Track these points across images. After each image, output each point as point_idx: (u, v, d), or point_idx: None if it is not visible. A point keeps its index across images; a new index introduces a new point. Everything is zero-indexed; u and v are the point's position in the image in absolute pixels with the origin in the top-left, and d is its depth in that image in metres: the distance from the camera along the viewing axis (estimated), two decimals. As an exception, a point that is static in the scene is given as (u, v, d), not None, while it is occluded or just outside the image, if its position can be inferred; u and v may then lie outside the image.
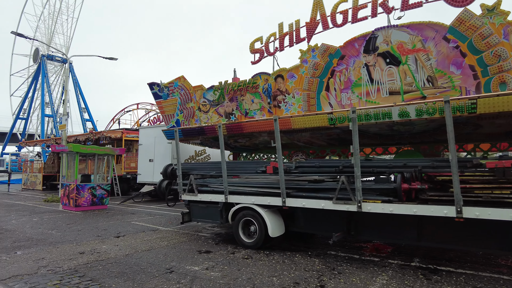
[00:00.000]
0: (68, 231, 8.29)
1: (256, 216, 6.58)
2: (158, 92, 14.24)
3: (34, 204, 14.60)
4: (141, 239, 7.43)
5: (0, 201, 15.55)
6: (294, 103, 10.01)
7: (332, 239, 5.74)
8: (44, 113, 43.39)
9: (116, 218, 10.50)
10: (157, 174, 16.58)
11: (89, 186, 12.71)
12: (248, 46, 10.83)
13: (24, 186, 25.97)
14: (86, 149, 12.59)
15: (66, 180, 12.85)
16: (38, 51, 47.08)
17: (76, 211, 12.19)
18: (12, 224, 9.26)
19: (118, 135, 19.22)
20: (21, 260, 5.75)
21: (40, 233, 8.11)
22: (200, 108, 13.04)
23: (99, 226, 9.01)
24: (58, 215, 11.19)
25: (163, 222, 9.95)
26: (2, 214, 11.25)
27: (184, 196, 7.83)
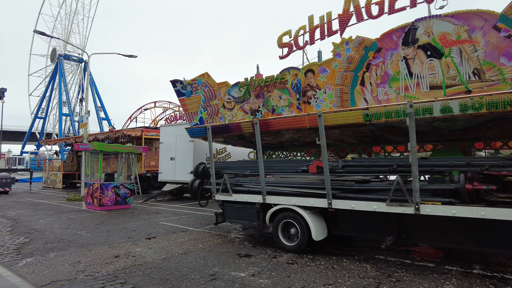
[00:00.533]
0: (97, 232, 8.06)
1: (298, 218, 6.20)
2: (181, 89, 13.97)
3: (57, 203, 14.53)
4: (174, 241, 7.13)
5: (25, 200, 15.57)
6: (326, 98, 9.59)
7: (384, 243, 5.33)
8: (62, 112, 43.83)
9: (143, 218, 10.27)
10: (178, 173, 16.39)
11: (113, 185, 12.54)
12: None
13: (45, 185, 26.18)
14: (110, 147, 12.41)
15: (89, 179, 12.70)
16: (55, 51, 47.60)
17: (100, 210, 12.02)
18: (40, 224, 9.10)
19: (138, 133, 19.08)
20: (57, 263, 5.50)
21: (69, 233, 7.90)
22: (224, 105, 12.72)
23: (128, 227, 8.77)
24: (84, 214, 11.02)
25: (191, 222, 9.67)
26: (29, 213, 11.15)
27: (218, 196, 7.50)
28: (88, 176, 12.86)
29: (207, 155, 16.97)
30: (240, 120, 12.30)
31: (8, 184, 19.40)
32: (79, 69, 49.26)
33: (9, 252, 6.23)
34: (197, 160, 16.19)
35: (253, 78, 11.72)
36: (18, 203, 14.29)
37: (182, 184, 16.09)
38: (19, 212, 11.61)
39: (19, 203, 14.50)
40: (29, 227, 8.74)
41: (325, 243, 6.48)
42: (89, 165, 12.70)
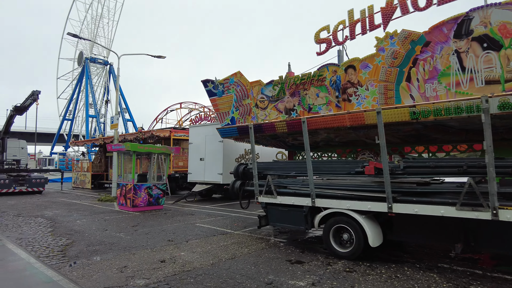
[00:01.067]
0: (136, 235, 7.90)
1: (352, 223, 5.80)
2: (213, 89, 13.78)
3: (89, 203, 14.63)
4: (217, 245, 6.87)
5: (58, 200, 15.78)
6: (368, 96, 9.13)
7: (454, 251, 4.88)
8: (88, 114, 44.84)
9: (178, 220, 10.09)
10: (208, 173, 16.23)
11: (146, 186, 12.46)
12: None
13: (74, 185, 26.69)
14: (143, 148, 12.34)
15: (122, 180, 12.67)
16: (82, 54, 48.81)
17: (134, 211, 11.95)
18: (78, 225, 9.06)
19: (167, 134, 19.07)
20: (104, 267, 5.32)
21: (109, 235, 7.78)
22: (257, 104, 12.42)
23: (166, 229, 8.58)
24: (118, 215, 10.96)
25: (227, 224, 9.41)
26: (65, 214, 11.20)
27: (261, 198, 7.19)
28: (120, 177, 12.84)
29: (243, 156, 16.79)
30: (273, 119, 11.98)
31: (41, 184, 19.79)
32: (104, 72, 50.37)
33: (54, 254, 6.12)
34: (226, 161, 16.02)
35: (288, 76, 11.37)
36: (53, 203, 14.46)
37: (212, 185, 15.93)
38: (56, 212, 11.68)
39: (53, 203, 14.68)
40: (69, 228, 8.70)
41: (377, 249, 6.05)
42: (121, 166, 12.67)
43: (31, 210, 12.16)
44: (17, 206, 13.61)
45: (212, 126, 17.02)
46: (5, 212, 11.62)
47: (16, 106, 19.94)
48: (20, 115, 20.29)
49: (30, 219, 10.08)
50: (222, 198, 16.60)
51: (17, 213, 11.39)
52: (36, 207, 13.27)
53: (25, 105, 19.85)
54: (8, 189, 18.57)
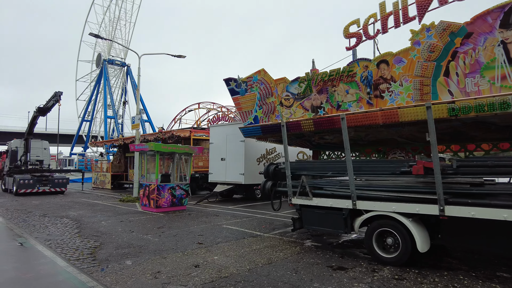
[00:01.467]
0: (164, 237, 7.67)
1: (398, 227, 5.39)
2: (235, 88, 13.50)
3: (112, 203, 14.58)
4: (249, 248, 6.56)
5: (80, 200, 15.81)
6: (402, 92, 8.67)
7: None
8: (107, 115, 45.35)
9: (203, 221, 9.84)
10: (229, 173, 15.98)
11: (169, 187, 12.28)
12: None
13: (94, 185, 26.91)
14: (166, 148, 12.16)
15: (145, 180, 12.53)
16: (100, 56, 49.46)
17: (157, 212, 11.78)
18: (104, 227, 8.91)
19: (187, 134, 18.93)
20: (137, 273, 5.08)
21: (136, 238, 7.57)
22: (282, 102, 12.08)
23: (193, 231, 8.33)
24: (142, 216, 10.80)
25: (255, 226, 9.09)
26: (89, 214, 11.11)
27: (295, 200, 6.84)
28: (143, 177, 12.70)
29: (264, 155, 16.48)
30: (299, 118, 11.62)
31: (63, 185, 19.95)
32: (122, 73, 50.90)
33: (84, 256, 5.93)
34: (248, 161, 15.74)
35: (315, 73, 10.98)
36: (76, 203, 14.47)
37: (233, 185, 15.67)
38: (80, 212, 11.61)
39: (76, 203, 14.69)
40: (95, 229, 8.55)
41: (422, 254, 5.63)
42: (144, 166, 12.53)
43: (55, 211, 12.14)
44: (42, 206, 13.65)
45: (233, 126, 16.78)
46: (31, 212, 11.63)
47: (39, 107, 20.17)
48: (43, 116, 20.52)
49: (56, 220, 10.01)
50: (243, 199, 16.32)
51: (42, 213, 11.37)
52: (60, 207, 13.27)
53: (47, 106, 20.05)
54: (32, 189, 18.77)
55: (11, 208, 12.84)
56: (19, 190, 18.34)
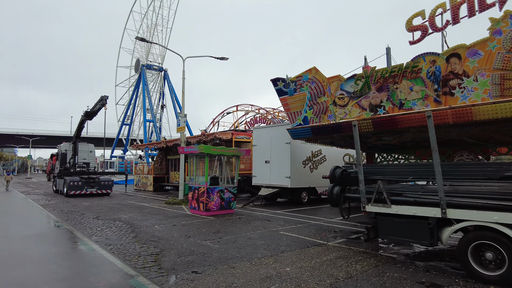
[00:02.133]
0: (224, 243, 7.33)
1: (502, 240, 4.68)
2: (283, 88, 13.05)
3: (158, 206, 14.57)
4: (320, 259, 6.04)
5: (127, 202, 15.99)
6: (477, 87, 7.83)
7: None
8: (146, 119, 46.50)
9: (257, 226, 9.44)
10: (274, 176, 15.53)
11: (218, 190, 12.02)
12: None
13: (136, 187, 27.44)
14: (216, 150, 11.91)
15: (194, 182, 12.35)
16: (139, 61, 50.91)
17: (207, 215, 11.55)
18: (159, 231, 8.73)
19: (229, 136, 18.75)
20: (210, 285, 4.72)
21: (195, 244, 7.28)
22: (335, 102, 11.48)
23: (251, 237, 7.94)
24: (194, 220, 10.58)
25: (313, 233, 8.56)
26: (140, 218, 11.06)
27: (370, 207, 6.25)
28: (192, 179, 12.54)
29: (310, 158, 15.93)
30: (355, 117, 10.98)
31: (109, 187, 20.40)
32: (159, 78, 52.12)
33: (149, 265, 5.68)
34: (294, 163, 15.23)
35: (375, 69, 10.30)
36: (124, 206, 14.60)
37: (279, 189, 15.22)
38: (130, 215, 11.61)
39: (123, 205, 14.83)
40: (150, 234, 8.38)
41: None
42: (193, 168, 12.36)
43: (107, 213, 12.24)
44: (92, 208, 13.87)
45: (279, 127, 16.35)
46: (84, 214, 11.77)
47: (86, 112, 20.79)
48: (89, 120, 21.14)
49: (109, 223, 10.00)
50: (288, 203, 15.79)
51: (95, 216, 11.47)
52: (109, 209, 13.40)
53: (94, 110, 20.62)
54: (81, 191, 19.31)
55: (65, 210, 13.12)
56: (69, 191, 18.93)
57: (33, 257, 6.27)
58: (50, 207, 14.13)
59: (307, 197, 15.87)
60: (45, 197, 19.40)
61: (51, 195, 20.90)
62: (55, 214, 12.03)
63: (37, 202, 16.58)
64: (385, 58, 44.78)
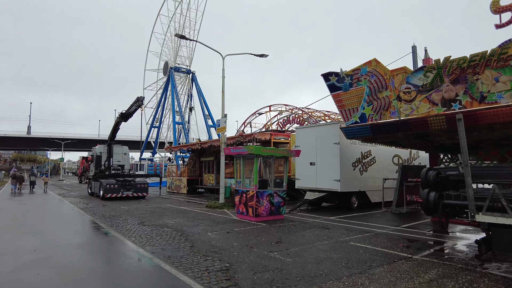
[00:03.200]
0: (296, 256, 6.43)
1: None
2: (336, 82, 12.06)
3: (200, 210, 13.88)
4: (422, 279, 5.03)
5: (167, 206, 15.42)
6: None
7: None
8: (175, 121, 46.43)
9: (318, 235, 8.50)
10: (321, 179, 14.52)
11: (268, 193, 11.16)
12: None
13: (169, 190, 27.06)
14: (266, 151, 11.07)
15: (241, 185, 11.54)
16: (167, 64, 51.04)
17: (256, 221, 10.71)
18: (215, 240, 7.94)
19: (267, 137, 17.91)
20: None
21: (263, 256, 6.42)
22: (399, 96, 10.39)
23: (322, 249, 7.01)
24: (247, 227, 9.76)
25: (389, 244, 7.53)
26: (187, 223, 10.35)
27: (481, 217, 5.18)
28: (239, 182, 11.74)
29: (360, 159, 14.86)
30: (424, 113, 9.88)
31: (145, 189, 20.00)
32: (187, 80, 52.06)
33: (225, 284, 4.84)
34: (344, 165, 14.15)
35: (449, 59, 9.16)
36: (165, 210, 14.01)
37: (326, 193, 14.20)
38: (176, 221, 10.93)
39: (164, 209, 14.24)
40: (207, 243, 7.60)
41: None
42: (241, 171, 11.56)
43: (150, 218, 11.63)
44: (132, 212, 13.35)
45: (325, 127, 15.34)
46: (127, 220, 11.20)
47: (121, 113, 20.51)
48: (125, 122, 20.85)
49: (157, 229, 9.33)
50: (334, 208, 14.73)
51: (139, 221, 10.87)
52: (151, 214, 12.82)
53: (129, 112, 20.30)
54: (117, 194, 18.98)
55: (106, 214, 12.63)
56: (106, 194, 18.63)
57: (96, 273, 5.59)
58: (90, 211, 13.73)
59: (357, 202, 14.76)
60: (82, 200, 19.20)
61: (86, 197, 20.73)
62: (97, 219, 11.53)
63: (76, 205, 16.31)
64: (411, 57, 42.59)
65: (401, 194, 13.66)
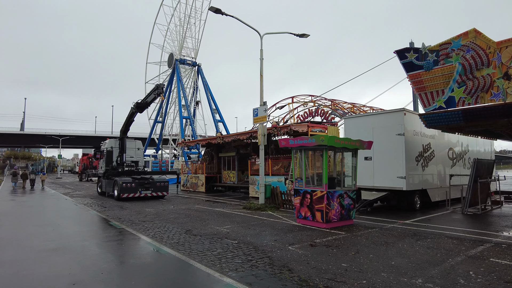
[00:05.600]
0: (427, 281, 4.45)
1: None
2: (415, 60, 10.02)
3: (243, 213, 11.84)
4: None
5: (196, 207, 13.33)
6: None
7: None
8: (182, 115, 44.22)
9: (430, 247, 6.52)
10: (379, 177, 12.50)
11: (338, 194, 9.16)
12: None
13: (184, 188, 24.96)
14: (339, 142, 9.04)
15: (304, 184, 9.52)
16: (172, 56, 48.71)
17: (327, 228, 8.72)
18: (309, 258, 5.91)
19: (304, 129, 15.90)
20: None
21: (385, 283, 4.43)
22: (509, 74, 8.42)
23: (464, 270, 5.04)
24: (327, 237, 7.75)
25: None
26: (248, 232, 8.30)
27: None
28: (299, 180, 9.71)
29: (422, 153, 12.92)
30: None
31: (165, 188, 17.90)
32: (193, 73, 49.82)
33: None
34: (409, 160, 12.18)
35: None
36: (200, 213, 11.94)
37: (387, 192, 12.24)
38: (228, 228, 8.90)
39: (199, 212, 12.18)
40: (304, 264, 5.56)
41: None
42: (306, 167, 9.52)
43: (192, 224, 9.58)
44: (164, 216, 11.28)
45: (386, 115, 13.28)
46: (166, 227, 9.12)
47: (137, 103, 18.35)
48: (140, 113, 18.68)
49: (216, 241, 7.29)
50: (394, 209, 12.75)
51: (183, 229, 8.81)
52: (188, 218, 10.75)
53: (147, 101, 18.16)
54: (134, 194, 16.88)
55: (135, 220, 10.54)
56: (122, 194, 16.50)
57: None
58: (113, 216, 11.63)
59: (419, 201, 12.83)
60: (94, 200, 17.06)
61: (97, 198, 18.60)
62: (129, 226, 9.44)
63: (91, 207, 14.19)
64: None
65: (475, 193, 11.77)
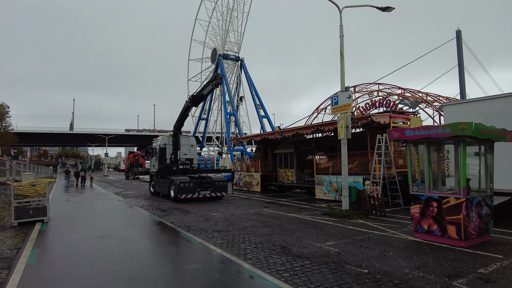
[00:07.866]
0: None
1: None
2: None
3: (329, 221, 9.86)
4: None
5: (265, 212, 11.51)
6: None
7: None
8: (227, 112, 42.97)
9: None
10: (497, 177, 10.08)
11: (477, 201, 6.91)
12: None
13: (236, 187, 23.40)
14: (485, 132, 6.76)
15: (427, 189, 7.32)
16: (215, 51, 47.58)
17: (465, 247, 6.52)
18: None
19: (386, 120, 13.56)
20: None
21: None
22: None
23: None
24: (491, 264, 5.57)
25: None
26: (367, 254, 6.30)
27: None
28: (421, 184, 7.52)
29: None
30: None
31: (224, 188, 16.32)
32: (235, 68, 48.44)
33: None
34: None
35: None
36: (275, 219, 10.10)
37: (510, 196, 9.71)
38: (332, 245, 6.95)
39: (274, 218, 10.34)
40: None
41: None
42: (425, 165, 7.34)
43: (279, 236, 7.73)
44: (237, 223, 9.54)
45: (505, 100, 10.76)
46: (252, 242, 7.32)
47: (192, 96, 16.90)
48: (195, 106, 17.28)
49: (334, 268, 5.37)
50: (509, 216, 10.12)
51: (277, 245, 6.96)
52: (268, 227, 8.94)
53: (203, 94, 16.64)
54: (193, 194, 15.43)
55: (206, 229, 8.88)
56: (180, 195, 15.11)
57: None
58: (178, 223, 10.10)
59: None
60: (149, 202, 15.82)
61: (150, 198, 17.43)
62: (208, 240, 7.77)
63: (149, 211, 12.85)
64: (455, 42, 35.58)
65: None
